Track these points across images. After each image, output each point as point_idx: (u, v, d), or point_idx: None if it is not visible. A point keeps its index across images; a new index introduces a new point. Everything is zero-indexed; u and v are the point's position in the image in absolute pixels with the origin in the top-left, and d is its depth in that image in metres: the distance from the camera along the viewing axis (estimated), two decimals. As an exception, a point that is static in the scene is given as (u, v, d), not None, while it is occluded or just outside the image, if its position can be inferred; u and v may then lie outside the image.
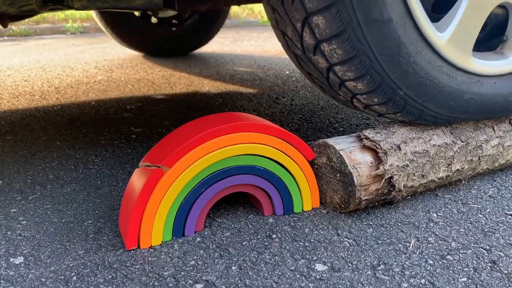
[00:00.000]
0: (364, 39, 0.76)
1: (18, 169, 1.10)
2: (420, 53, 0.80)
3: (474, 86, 0.89)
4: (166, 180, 0.73)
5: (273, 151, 0.81)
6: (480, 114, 0.93)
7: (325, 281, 0.67)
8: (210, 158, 0.76)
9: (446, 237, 0.78)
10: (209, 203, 0.80)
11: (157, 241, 0.76)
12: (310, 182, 0.86)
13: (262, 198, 0.84)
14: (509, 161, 1.03)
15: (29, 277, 0.68)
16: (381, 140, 0.84)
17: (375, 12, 0.74)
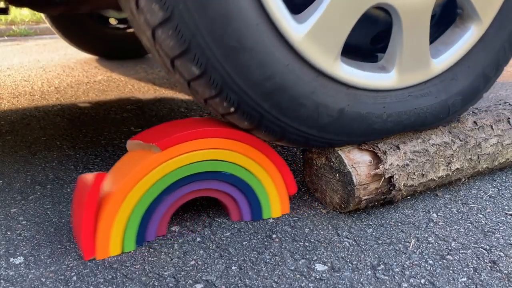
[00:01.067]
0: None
1: (18, 169, 1.10)
2: (266, 45, 0.68)
3: (340, 97, 0.78)
4: (123, 188, 0.70)
5: (239, 157, 0.78)
6: (339, 134, 0.81)
7: (325, 281, 0.67)
8: (172, 164, 0.73)
9: (446, 237, 0.78)
10: (171, 209, 0.78)
11: (116, 250, 0.73)
12: (278, 188, 0.84)
13: (229, 203, 0.83)
14: (509, 160, 1.03)
15: (29, 277, 0.68)
16: (379, 142, 0.84)
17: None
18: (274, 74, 0.71)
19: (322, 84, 0.76)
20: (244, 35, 0.67)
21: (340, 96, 0.78)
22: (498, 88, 1.97)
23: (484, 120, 0.99)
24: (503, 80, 2.13)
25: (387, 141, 0.85)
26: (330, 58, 0.74)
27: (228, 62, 0.68)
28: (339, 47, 0.75)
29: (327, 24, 0.72)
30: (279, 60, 0.70)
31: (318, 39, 0.72)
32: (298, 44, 0.71)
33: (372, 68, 0.83)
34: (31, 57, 3.02)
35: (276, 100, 0.73)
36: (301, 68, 0.73)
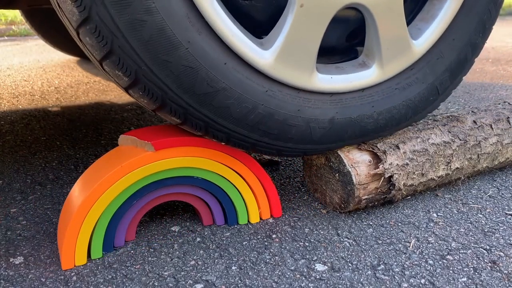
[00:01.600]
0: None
1: (18, 169, 1.10)
2: (236, 76, 0.69)
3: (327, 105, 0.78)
4: (89, 198, 0.69)
5: (213, 164, 0.77)
6: (329, 142, 0.80)
7: (325, 281, 0.67)
8: (140, 172, 0.72)
9: (446, 237, 0.78)
10: (139, 214, 0.77)
11: (80, 260, 0.71)
12: (257, 194, 0.83)
13: (200, 207, 0.82)
14: (509, 159, 1.03)
15: (29, 277, 0.68)
16: (378, 142, 0.84)
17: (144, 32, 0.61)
18: (256, 105, 0.72)
19: (305, 99, 0.76)
20: (214, 78, 0.67)
21: (326, 105, 0.78)
22: (499, 88, 1.97)
23: (483, 119, 0.99)
24: (503, 81, 2.13)
25: (386, 141, 0.85)
26: (305, 74, 0.74)
27: (206, 108, 0.69)
28: (313, 60, 0.74)
29: (294, 44, 0.71)
30: (256, 90, 0.71)
31: (289, 60, 0.72)
32: (271, 70, 0.71)
33: (352, 66, 0.82)
34: (31, 57, 3.02)
35: (265, 128, 0.74)
36: (280, 91, 0.73)
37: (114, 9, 0.59)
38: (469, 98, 1.79)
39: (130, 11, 0.59)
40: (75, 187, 0.76)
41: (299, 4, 0.68)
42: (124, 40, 0.61)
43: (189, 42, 0.64)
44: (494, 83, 2.07)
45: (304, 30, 0.71)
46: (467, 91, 1.92)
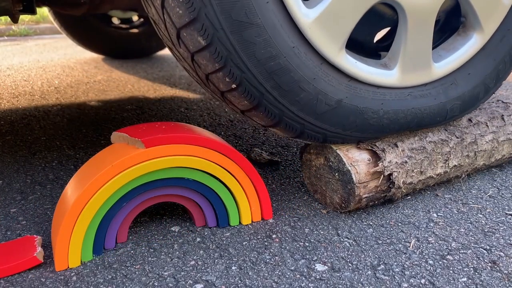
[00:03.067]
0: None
1: (18, 169, 1.10)
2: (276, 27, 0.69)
3: (340, 88, 0.79)
4: (80, 199, 0.69)
5: (206, 164, 0.76)
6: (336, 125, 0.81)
7: (325, 281, 0.67)
8: (130, 173, 0.71)
9: (446, 237, 0.78)
10: (130, 215, 0.77)
11: (74, 262, 0.70)
12: (249, 195, 0.82)
13: (193, 208, 0.81)
14: (505, 156, 1.04)
15: (29, 277, 0.68)
16: (377, 141, 0.85)
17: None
18: (279, 55, 0.71)
19: (324, 72, 0.76)
20: (253, 11, 0.67)
21: (341, 87, 0.78)
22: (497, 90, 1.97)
23: (478, 117, 0.99)
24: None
25: (384, 140, 0.85)
26: (335, 46, 0.75)
27: (234, 35, 0.68)
28: (345, 36, 0.75)
29: (336, 12, 0.72)
30: (285, 41, 0.71)
31: (326, 26, 0.72)
32: (306, 28, 0.71)
33: (375, 64, 0.83)
34: (31, 57, 3.02)
35: (278, 81, 0.73)
36: (306, 53, 0.73)
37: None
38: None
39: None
40: (68, 187, 0.75)
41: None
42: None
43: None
44: (494, 83, 2.07)
45: (348, 3, 0.72)
46: (467, 91, 1.92)
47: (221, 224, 0.82)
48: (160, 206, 0.91)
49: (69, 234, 0.69)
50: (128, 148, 0.74)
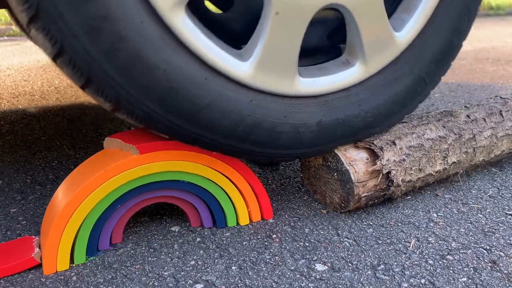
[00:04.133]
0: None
1: (18, 169, 1.10)
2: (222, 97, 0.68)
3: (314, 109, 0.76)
4: (72, 203, 0.68)
5: (199, 167, 0.76)
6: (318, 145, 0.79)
7: (325, 281, 0.67)
8: (124, 176, 0.71)
9: (446, 237, 0.78)
10: (125, 216, 0.76)
11: (63, 266, 0.70)
12: (246, 196, 0.82)
13: (188, 209, 0.81)
14: (505, 152, 1.04)
15: (29, 277, 0.68)
16: (374, 139, 0.85)
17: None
18: (243, 117, 0.72)
19: (290, 104, 0.76)
20: (198, 95, 0.67)
21: (312, 109, 0.78)
22: (499, 88, 1.97)
23: (476, 113, 0.99)
24: (503, 81, 2.13)
25: (382, 138, 0.85)
26: (287, 80, 0.74)
27: (192, 123, 0.69)
28: (294, 66, 0.73)
29: (273, 52, 0.70)
30: (242, 102, 0.71)
31: (268, 69, 0.71)
32: (252, 81, 0.71)
33: (336, 66, 0.81)
34: (31, 57, 3.02)
35: (255, 138, 0.74)
36: (264, 99, 0.73)
37: (88, 39, 0.59)
38: (469, 98, 1.79)
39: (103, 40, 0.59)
40: (59, 191, 0.75)
41: (274, 12, 0.67)
42: (101, 69, 0.61)
43: (167, 62, 0.64)
44: (494, 83, 2.07)
45: (282, 37, 0.70)
46: (467, 91, 1.92)
47: (219, 225, 0.82)
48: (160, 206, 0.91)
49: (58, 239, 0.68)
50: (122, 153, 0.74)
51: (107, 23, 0.58)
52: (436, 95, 1.85)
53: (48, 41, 0.59)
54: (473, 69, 2.43)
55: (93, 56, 0.60)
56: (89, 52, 0.60)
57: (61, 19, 0.57)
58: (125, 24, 0.59)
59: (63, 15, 0.57)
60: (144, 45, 0.61)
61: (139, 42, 0.61)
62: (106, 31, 0.59)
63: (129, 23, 0.59)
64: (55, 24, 0.57)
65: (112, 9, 0.58)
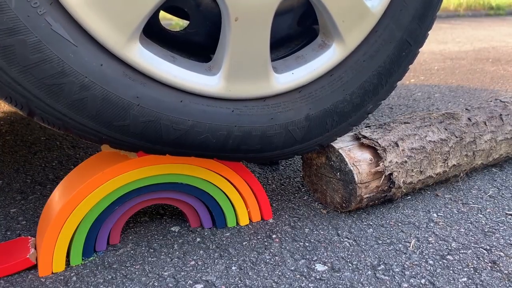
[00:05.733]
0: None
1: (18, 169, 1.10)
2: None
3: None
4: (68, 205, 0.68)
5: (197, 170, 0.76)
6: None
7: (325, 281, 0.67)
8: (121, 179, 0.71)
9: (446, 237, 0.78)
10: (123, 217, 0.76)
11: (58, 267, 0.69)
12: (246, 197, 0.82)
13: (187, 210, 0.81)
14: (502, 155, 1.04)
15: (29, 277, 0.68)
16: (379, 138, 0.84)
17: None
18: (230, 129, 0.71)
19: (273, 105, 0.75)
20: (179, 119, 0.66)
21: (297, 104, 0.76)
22: (499, 88, 1.97)
23: (477, 116, 1.00)
24: (503, 81, 2.13)
25: (385, 138, 0.85)
26: (263, 81, 0.72)
27: (182, 147, 0.69)
28: (266, 66, 0.71)
29: (241, 58, 0.68)
30: (224, 114, 0.70)
31: (240, 76, 0.70)
32: (226, 92, 0.70)
33: (313, 51, 0.78)
34: (31, 57, 3.02)
35: (247, 147, 0.74)
36: (246, 106, 0.72)
37: (50, 98, 0.59)
38: (469, 98, 1.79)
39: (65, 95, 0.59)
40: (55, 193, 0.75)
41: (233, 18, 0.65)
42: (75, 121, 0.62)
43: (138, 98, 0.63)
44: (494, 83, 2.07)
45: (247, 42, 0.68)
46: (467, 91, 1.92)
47: (218, 225, 0.82)
48: (160, 206, 0.91)
49: (54, 240, 0.68)
50: (119, 156, 0.73)
51: (65, 77, 0.58)
52: (436, 95, 1.85)
53: (15, 107, 0.60)
54: (473, 69, 2.43)
55: (62, 111, 0.60)
56: (57, 109, 0.60)
57: (18, 85, 0.57)
58: (85, 72, 0.59)
59: (19, 81, 0.56)
60: (110, 87, 0.61)
61: (104, 86, 0.60)
62: (67, 85, 0.58)
63: (88, 69, 0.59)
64: (14, 91, 0.57)
65: (67, 63, 0.57)
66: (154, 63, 0.64)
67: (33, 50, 0.55)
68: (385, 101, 1.76)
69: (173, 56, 0.68)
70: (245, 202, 0.82)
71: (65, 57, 0.57)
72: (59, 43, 0.56)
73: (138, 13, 0.60)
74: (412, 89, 1.99)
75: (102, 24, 0.58)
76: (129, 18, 0.59)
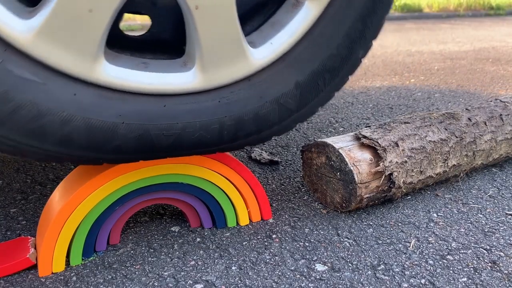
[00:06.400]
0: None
1: (18, 169, 1.10)
2: None
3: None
4: (69, 205, 0.68)
5: (198, 169, 0.76)
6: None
7: (325, 281, 0.67)
8: (122, 179, 0.70)
9: (446, 237, 0.78)
10: (123, 218, 0.76)
11: (58, 267, 0.69)
12: (246, 196, 0.82)
13: (187, 210, 0.81)
14: (502, 156, 1.04)
15: (29, 277, 0.68)
16: (379, 138, 0.84)
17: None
18: (222, 120, 0.69)
19: (260, 82, 0.71)
20: (168, 125, 0.65)
21: (284, 74, 0.73)
22: (499, 88, 1.97)
23: (477, 116, 1.00)
24: (503, 81, 2.13)
25: (385, 138, 0.85)
26: (240, 62, 0.68)
27: (180, 150, 0.68)
28: (240, 44, 0.67)
29: (213, 45, 0.65)
30: (211, 107, 0.68)
31: (216, 63, 0.67)
32: (207, 84, 0.67)
33: (287, 11, 0.74)
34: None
35: (246, 133, 0.72)
36: (232, 92, 0.70)
37: (37, 140, 0.58)
38: (469, 98, 1.79)
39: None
40: (55, 193, 0.74)
41: (194, 7, 0.61)
42: (69, 155, 0.61)
43: (121, 116, 0.62)
44: (494, 83, 2.07)
45: (214, 26, 0.63)
46: (467, 91, 1.92)
47: (219, 225, 0.82)
48: (160, 206, 0.91)
49: (55, 241, 0.68)
50: None
51: (43, 118, 0.57)
52: (436, 95, 1.85)
53: (7, 154, 0.60)
54: (473, 69, 2.43)
55: (52, 149, 0.59)
56: (45, 149, 0.59)
57: (6, 139, 0.57)
58: (60, 107, 0.58)
59: (5, 135, 0.56)
60: (90, 114, 0.60)
61: (83, 114, 0.59)
62: (48, 125, 0.57)
63: (63, 103, 0.58)
64: (5, 145, 0.58)
65: (40, 103, 0.56)
66: (127, 77, 0.62)
67: (4, 101, 0.54)
68: (385, 101, 1.77)
69: (145, 63, 0.65)
70: (245, 201, 0.82)
71: (36, 97, 0.56)
72: (26, 86, 0.55)
73: (94, 34, 0.57)
74: (412, 89, 1.99)
75: (61, 54, 0.56)
76: (85, 41, 0.57)
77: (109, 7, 0.57)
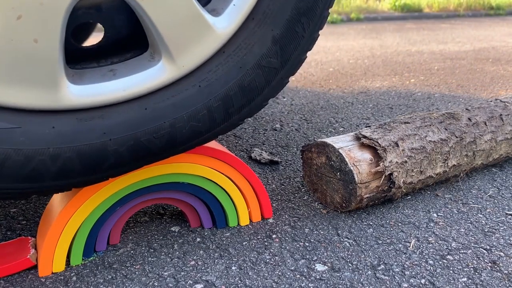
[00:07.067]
0: None
1: (18, 169, 1.10)
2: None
3: None
4: (70, 207, 0.68)
5: (200, 168, 0.76)
6: None
7: (325, 281, 0.67)
8: (123, 181, 0.70)
9: (446, 237, 0.78)
10: (123, 218, 0.76)
11: (58, 267, 0.69)
12: (247, 196, 0.81)
13: (187, 210, 0.81)
14: (502, 156, 1.04)
15: (29, 277, 0.68)
16: (379, 138, 0.84)
17: None
18: (209, 108, 0.66)
19: (234, 52, 0.66)
20: (157, 130, 0.63)
21: (257, 34, 0.66)
22: (499, 88, 1.97)
23: (477, 116, 1.00)
24: (503, 81, 2.13)
25: (385, 138, 0.85)
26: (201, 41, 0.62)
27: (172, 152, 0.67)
28: (200, 12, 0.62)
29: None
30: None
31: (180, 51, 0.62)
32: (177, 72, 0.63)
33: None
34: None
35: (242, 108, 0.69)
36: (208, 72, 0.65)
37: (34, 183, 0.58)
38: (469, 98, 1.79)
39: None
40: (57, 194, 0.74)
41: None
42: (72, 184, 0.61)
43: (105, 133, 0.60)
44: (494, 83, 2.07)
45: (164, 7, 0.58)
46: (467, 91, 1.92)
47: (219, 225, 0.82)
48: (160, 206, 0.91)
49: (56, 241, 0.68)
50: None
51: (32, 161, 0.56)
52: (436, 95, 1.85)
53: (9, 200, 0.61)
54: (473, 69, 2.43)
55: (52, 184, 0.59)
56: (45, 186, 0.59)
57: (2, 191, 0.57)
58: (44, 145, 0.56)
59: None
60: (75, 141, 0.58)
61: (69, 144, 0.57)
62: (39, 166, 0.57)
63: (46, 140, 0.56)
64: (5, 196, 0.58)
65: (23, 148, 0.55)
66: (96, 92, 0.59)
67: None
68: (385, 101, 1.77)
69: (112, 70, 0.62)
70: (246, 201, 0.82)
71: (18, 143, 0.55)
72: (3, 135, 0.54)
73: (47, 63, 0.54)
74: (412, 89, 1.99)
75: (22, 93, 0.54)
76: (41, 72, 0.54)
77: (55, 31, 0.53)
